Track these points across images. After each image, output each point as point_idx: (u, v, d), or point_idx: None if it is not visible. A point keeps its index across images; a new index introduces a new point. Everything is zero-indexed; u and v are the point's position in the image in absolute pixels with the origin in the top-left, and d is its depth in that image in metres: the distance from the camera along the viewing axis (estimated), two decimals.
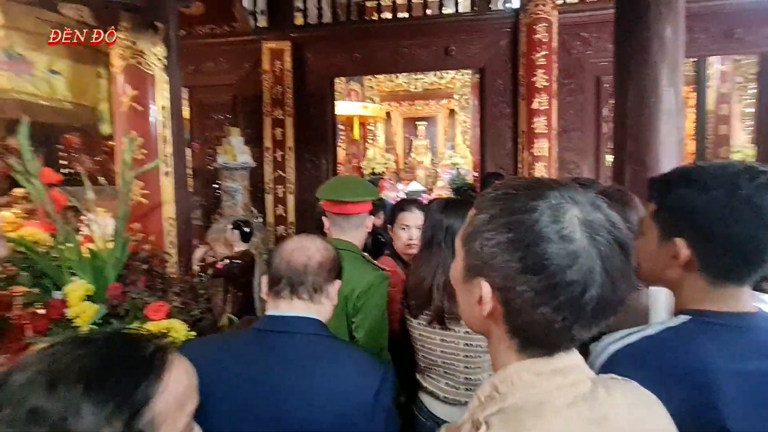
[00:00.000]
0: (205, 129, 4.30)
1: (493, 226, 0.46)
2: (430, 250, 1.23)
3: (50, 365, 0.43)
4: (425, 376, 1.34)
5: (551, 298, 0.42)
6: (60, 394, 0.41)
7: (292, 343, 0.83)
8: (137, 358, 0.47)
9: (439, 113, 9.14)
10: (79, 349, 0.45)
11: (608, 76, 3.62)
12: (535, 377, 0.45)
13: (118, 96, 2.08)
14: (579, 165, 3.72)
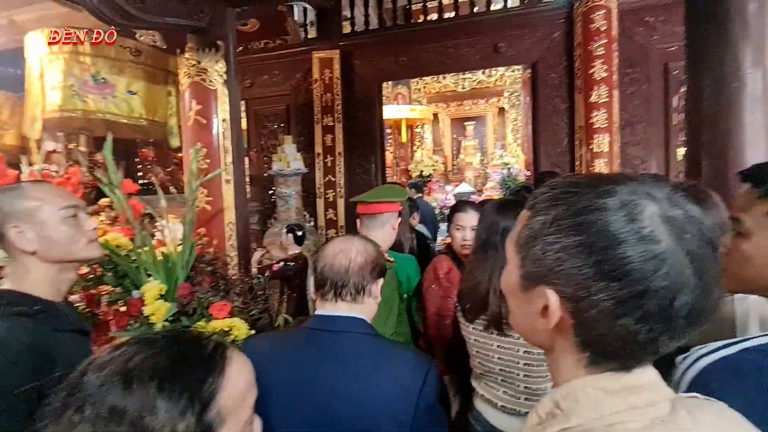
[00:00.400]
0: (261, 138, 4.54)
1: (556, 228, 0.41)
2: (485, 253, 1.20)
3: (123, 365, 0.45)
4: (481, 383, 1.30)
5: (635, 307, 0.38)
6: (136, 392, 0.43)
7: (339, 342, 0.86)
8: (201, 355, 0.49)
9: (488, 112, 8.89)
10: (147, 349, 0.47)
11: (678, 62, 3.31)
12: (604, 395, 0.41)
13: (185, 111, 2.26)
14: (645, 160, 3.43)
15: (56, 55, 2.27)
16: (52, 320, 0.91)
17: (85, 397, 0.43)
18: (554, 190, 0.44)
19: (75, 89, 2.24)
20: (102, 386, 0.44)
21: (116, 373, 0.45)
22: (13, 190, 0.94)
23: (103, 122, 2.45)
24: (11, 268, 0.94)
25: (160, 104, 2.59)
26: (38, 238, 0.91)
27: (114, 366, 0.46)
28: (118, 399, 0.43)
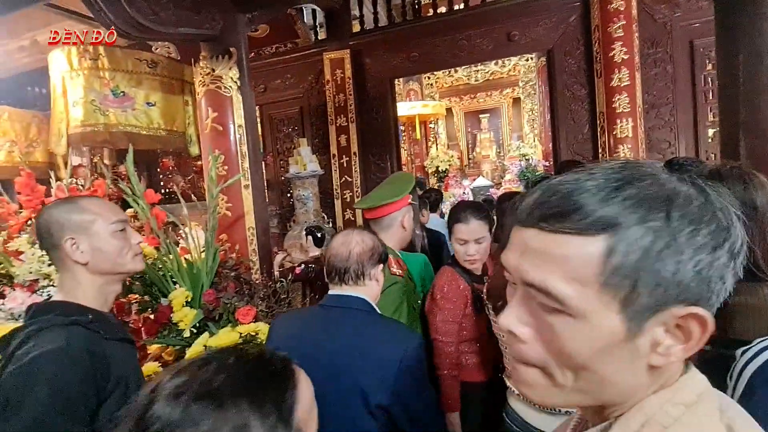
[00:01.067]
0: (276, 142, 4.57)
1: (687, 229, 0.33)
2: None
3: (208, 388, 0.44)
4: None
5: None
6: (230, 412, 0.43)
7: (344, 315, 1.07)
8: (275, 372, 0.50)
9: (503, 104, 8.73)
10: (224, 369, 0.46)
11: (704, 38, 3.17)
12: (689, 411, 0.36)
13: (202, 119, 2.29)
14: (673, 144, 3.28)
15: (77, 71, 2.33)
16: (104, 329, 0.94)
17: (168, 426, 0.42)
18: (625, 190, 0.35)
19: (96, 104, 2.30)
20: (188, 411, 0.43)
21: (203, 396, 0.44)
22: (69, 203, 0.99)
23: (125, 135, 2.51)
24: (61, 279, 0.98)
25: (178, 114, 2.64)
26: (91, 250, 0.95)
27: (195, 389, 0.44)
28: (211, 422, 0.42)
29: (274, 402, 0.46)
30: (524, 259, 0.39)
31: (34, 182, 1.94)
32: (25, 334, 0.85)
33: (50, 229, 0.94)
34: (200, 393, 0.44)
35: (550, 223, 0.37)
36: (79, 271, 0.96)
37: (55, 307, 0.93)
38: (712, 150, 3.23)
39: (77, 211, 0.96)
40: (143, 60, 2.41)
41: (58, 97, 2.40)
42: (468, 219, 1.46)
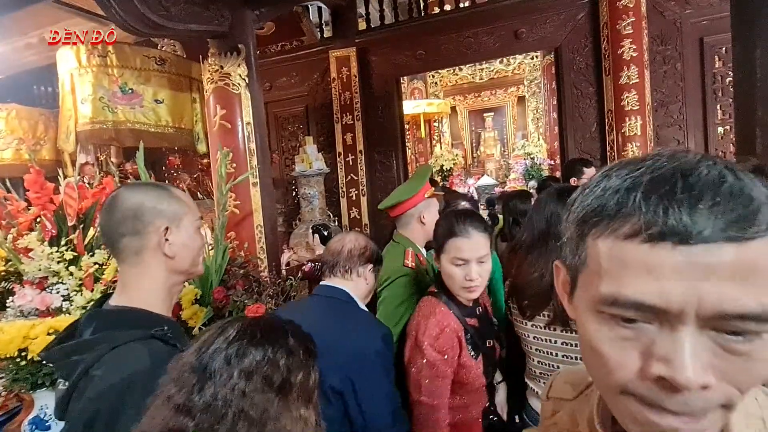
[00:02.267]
0: (281, 140, 4.57)
1: None
2: (546, 245, 1.12)
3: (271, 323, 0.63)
4: (540, 383, 1.22)
5: None
6: (279, 344, 0.59)
7: (321, 302, 1.19)
8: (298, 329, 0.68)
9: (507, 102, 8.70)
10: (279, 323, 0.65)
11: (714, 35, 3.14)
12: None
13: (210, 116, 2.29)
14: (682, 142, 3.25)
15: (85, 68, 2.33)
16: (179, 341, 0.83)
17: (236, 352, 0.56)
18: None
19: (105, 101, 2.30)
20: (244, 348, 0.57)
21: (270, 331, 0.62)
22: (160, 188, 0.86)
23: (131, 132, 2.50)
24: (128, 276, 0.83)
25: (185, 111, 2.63)
26: (178, 244, 0.84)
27: (253, 332, 0.60)
28: (270, 350, 0.58)
29: (310, 348, 0.63)
30: (716, 284, 0.29)
31: (43, 179, 1.93)
32: (97, 352, 0.72)
33: (141, 213, 0.80)
34: (261, 333, 0.60)
35: (742, 231, 0.29)
36: (158, 267, 0.83)
37: (126, 318, 0.79)
38: (722, 148, 3.21)
39: (173, 199, 0.84)
40: (151, 57, 2.41)
41: (66, 95, 2.40)
42: (469, 232, 1.14)
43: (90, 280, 1.88)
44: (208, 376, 0.53)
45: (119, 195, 0.82)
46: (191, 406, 0.51)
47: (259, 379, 0.54)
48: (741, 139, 1.64)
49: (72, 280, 1.65)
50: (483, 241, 1.15)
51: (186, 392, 0.52)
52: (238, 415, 0.51)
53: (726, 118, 3.20)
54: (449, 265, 1.16)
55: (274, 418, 0.53)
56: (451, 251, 1.16)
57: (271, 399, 0.54)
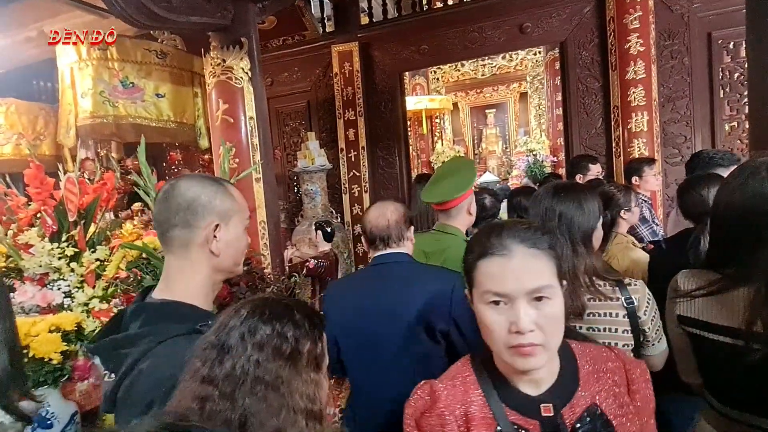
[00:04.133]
0: (283, 136, 4.53)
1: None
2: None
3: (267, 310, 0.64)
4: None
5: None
6: (288, 320, 0.64)
7: (393, 268, 1.26)
8: (306, 307, 0.69)
9: (509, 99, 8.66)
10: (285, 301, 0.68)
11: (722, 30, 3.10)
12: None
13: (212, 111, 2.25)
14: (689, 138, 3.22)
15: (85, 62, 2.29)
16: None
17: (247, 329, 0.62)
18: None
19: (105, 95, 2.26)
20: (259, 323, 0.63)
21: (278, 309, 0.65)
22: (215, 183, 0.85)
23: (132, 127, 2.47)
24: (172, 269, 0.82)
25: (187, 106, 2.60)
26: (225, 242, 0.82)
27: (262, 311, 0.64)
28: (279, 325, 0.63)
29: (315, 321, 0.67)
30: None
31: (44, 175, 1.90)
32: (145, 345, 0.74)
33: (194, 206, 0.79)
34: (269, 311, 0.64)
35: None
36: (203, 263, 0.82)
37: (171, 312, 0.79)
38: (729, 144, 3.17)
39: (226, 196, 0.83)
40: (152, 51, 2.37)
41: (66, 89, 2.36)
42: (507, 246, 0.67)
43: (92, 277, 1.86)
44: (226, 351, 0.61)
45: (177, 185, 0.82)
46: (214, 376, 0.59)
47: (270, 350, 0.61)
48: (755, 135, 1.61)
49: (73, 276, 1.63)
50: (537, 261, 0.66)
51: (209, 366, 0.60)
52: (255, 381, 0.59)
53: (734, 114, 3.17)
54: (483, 307, 0.68)
55: (287, 381, 0.61)
56: (481, 281, 0.68)
57: (282, 366, 0.61)
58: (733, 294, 0.87)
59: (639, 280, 1.07)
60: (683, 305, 0.97)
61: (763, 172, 0.84)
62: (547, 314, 0.64)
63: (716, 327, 0.90)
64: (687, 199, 1.49)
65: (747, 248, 0.86)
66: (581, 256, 1.05)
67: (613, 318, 1.03)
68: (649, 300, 1.05)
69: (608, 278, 1.06)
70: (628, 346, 1.05)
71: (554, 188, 1.14)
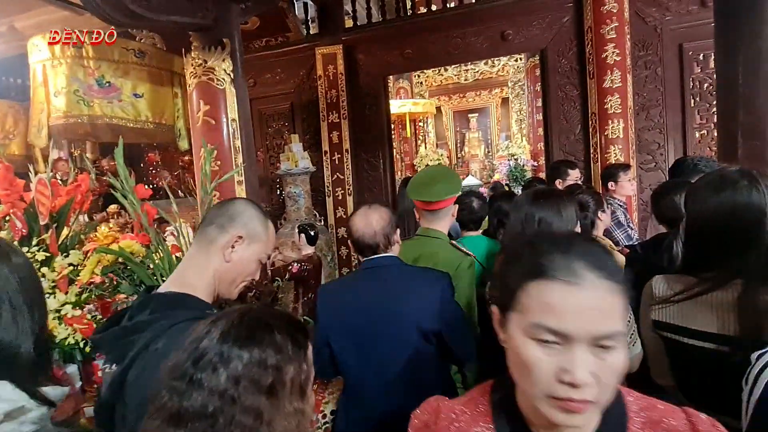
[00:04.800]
0: (266, 138, 4.48)
1: None
2: None
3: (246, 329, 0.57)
4: None
5: None
6: (267, 342, 0.56)
7: (384, 271, 1.29)
8: (291, 321, 0.64)
9: (491, 103, 8.80)
10: (264, 318, 0.60)
11: (692, 42, 3.24)
12: None
13: (193, 112, 2.21)
14: (662, 145, 3.34)
15: (59, 59, 2.21)
16: None
17: (220, 355, 0.55)
18: None
19: (80, 94, 2.19)
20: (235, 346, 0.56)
21: (256, 327, 0.58)
22: (263, 214, 0.99)
23: (109, 127, 2.39)
24: (191, 259, 0.94)
25: (166, 106, 2.54)
26: (237, 258, 0.93)
27: (238, 331, 0.57)
28: (257, 350, 0.56)
29: (299, 339, 0.60)
30: None
31: (13, 175, 1.83)
32: (157, 329, 0.81)
33: (234, 215, 0.94)
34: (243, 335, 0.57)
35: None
36: (214, 263, 0.92)
37: (180, 301, 0.88)
38: (700, 152, 3.31)
39: (263, 226, 0.97)
40: (130, 49, 2.31)
41: (38, 87, 2.27)
42: (578, 274, 0.51)
43: (64, 282, 1.79)
44: (196, 384, 0.53)
45: (237, 201, 0.99)
46: (182, 414, 0.52)
47: (248, 383, 0.53)
48: (723, 143, 1.69)
49: (44, 282, 1.56)
50: (612, 299, 0.52)
51: (177, 400, 0.53)
52: (230, 422, 0.52)
53: (704, 122, 3.31)
54: (525, 341, 0.53)
55: (267, 421, 0.54)
56: (531, 309, 0.53)
57: (262, 402, 0.54)
58: (710, 298, 0.91)
59: None
60: (658, 310, 1.00)
61: (743, 182, 0.88)
62: (610, 366, 0.50)
63: (691, 331, 0.93)
64: (661, 204, 1.55)
65: (726, 253, 0.90)
66: None
67: None
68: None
69: None
70: None
71: (533, 194, 1.17)
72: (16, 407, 0.69)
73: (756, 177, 0.91)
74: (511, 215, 1.20)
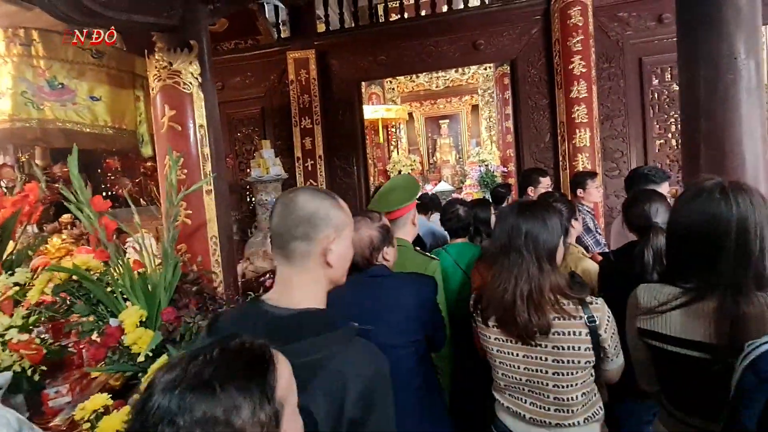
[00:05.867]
0: (235, 144, 4.33)
1: None
2: (507, 257, 1.12)
3: (200, 379, 0.50)
4: (505, 395, 1.22)
5: None
6: (221, 398, 0.49)
7: (384, 279, 1.34)
8: (256, 357, 0.56)
9: (462, 110, 8.97)
10: (212, 362, 0.52)
11: (651, 56, 3.42)
12: None
13: (158, 117, 2.08)
14: (625, 153, 3.49)
15: (4, 58, 2.02)
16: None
17: (168, 414, 0.48)
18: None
19: (28, 96, 2.01)
20: (184, 400, 0.48)
21: (196, 387, 0.50)
22: (332, 197, 0.87)
23: (61, 132, 2.21)
24: (294, 279, 0.84)
25: (127, 110, 2.37)
26: (338, 253, 0.85)
27: (188, 382, 0.50)
28: (207, 407, 0.48)
29: (258, 384, 0.53)
30: None
31: None
32: (330, 348, 0.75)
33: (314, 220, 0.81)
34: (193, 384, 0.49)
35: None
36: (320, 273, 0.84)
37: (331, 321, 0.80)
38: (659, 159, 3.49)
39: (340, 209, 0.86)
40: (87, 49, 2.14)
41: None
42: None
43: (8, 304, 1.62)
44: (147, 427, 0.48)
45: (295, 199, 0.84)
46: None
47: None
48: (686, 153, 1.77)
49: None
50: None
51: None
52: None
53: (662, 132, 3.49)
54: None
55: None
56: None
57: None
58: (697, 308, 0.93)
59: (599, 299, 1.10)
60: (644, 319, 1.01)
61: (716, 194, 0.91)
62: None
63: (677, 340, 0.95)
64: (632, 213, 1.59)
65: (703, 263, 0.92)
66: (547, 274, 1.07)
67: (576, 336, 1.06)
68: (609, 318, 1.09)
69: (572, 296, 1.08)
70: (590, 362, 1.08)
71: (519, 206, 1.16)
72: None
73: (726, 189, 0.94)
74: (497, 227, 1.19)
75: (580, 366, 1.07)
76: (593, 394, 1.14)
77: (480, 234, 2.54)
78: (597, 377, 1.15)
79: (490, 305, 1.16)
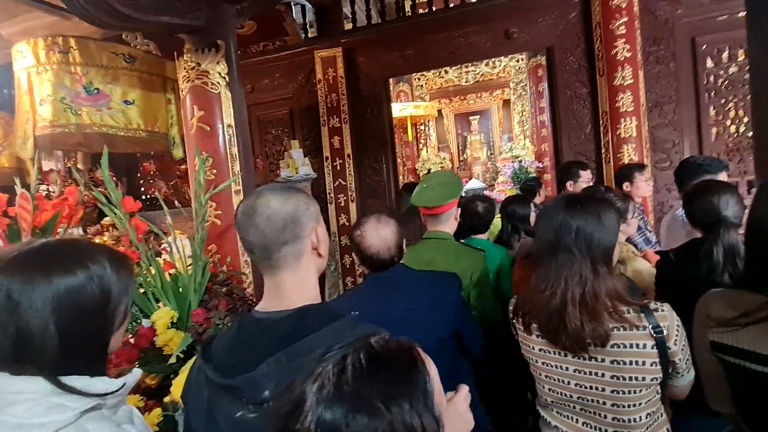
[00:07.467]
0: (265, 145, 4.37)
1: None
2: (554, 257, 0.99)
3: (355, 395, 0.47)
4: (552, 412, 1.10)
5: None
6: (384, 414, 0.47)
7: (393, 279, 1.31)
8: (409, 360, 0.53)
9: (493, 105, 8.69)
10: (364, 373, 0.50)
11: (706, 35, 3.12)
12: None
13: (187, 118, 2.09)
14: (677, 143, 3.21)
15: (44, 66, 2.10)
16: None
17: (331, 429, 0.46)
18: None
19: (67, 102, 2.07)
20: (346, 418, 0.47)
21: (356, 407, 0.47)
22: (296, 190, 0.84)
23: (100, 136, 2.27)
24: (287, 285, 0.80)
25: (159, 113, 2.42)
26: (322, 241, 0.84)
27: (347, 401, 0.48)
28: (371, 422, 0.47)
29: (420, 398, 0.50)
30: None
31: None
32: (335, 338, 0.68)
33: (297, 218, 0.78)
34: (352, 404, 0.47)
35: None
36: (312, 267, 0.82)
37: (317, 313, 0.77)
38: (716, 149, 3.18)
39: (305, 194, 0.84)
40: (120, 54, 2.19)
41: (23, 95, 2.16)
42: None
43: None
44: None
45: (270, 205, 0.78)
46: None
47: None
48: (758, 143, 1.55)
49: None
50: None
51: None
52: None
53: (719, 119, 3.18)
54: None
55: None
56: None
57: None
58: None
59: (666, 305, 0.96)
60: (717, 332, 0.87)
61: None
62: None
63: (760, 356, 0.80)
64: (696, 206, 1.41)
65: None
66: (602, 277, 0.94)
67: (640, 350, 0.91)
68: (678, 327, 0.94)
69: (632, 303, 0.95)
70: (656, 379, 0.93)
71: (566, 200, 1.03)
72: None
73: None
74: (541, 224, 1.06)
75: (644, 383, 0.93)
76: (659, 414, 0.99)
77: (518, 232, 2.38)
78: (663, 395, 1.01)
79: (535, 313, 1.04)
